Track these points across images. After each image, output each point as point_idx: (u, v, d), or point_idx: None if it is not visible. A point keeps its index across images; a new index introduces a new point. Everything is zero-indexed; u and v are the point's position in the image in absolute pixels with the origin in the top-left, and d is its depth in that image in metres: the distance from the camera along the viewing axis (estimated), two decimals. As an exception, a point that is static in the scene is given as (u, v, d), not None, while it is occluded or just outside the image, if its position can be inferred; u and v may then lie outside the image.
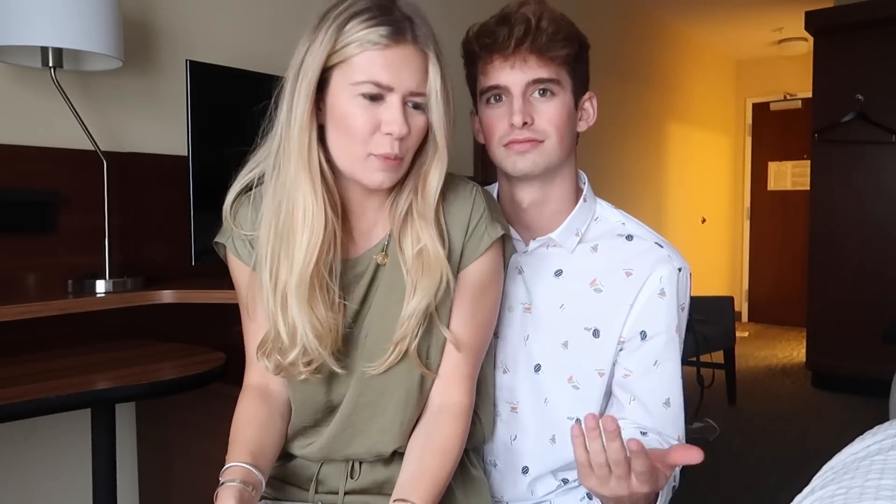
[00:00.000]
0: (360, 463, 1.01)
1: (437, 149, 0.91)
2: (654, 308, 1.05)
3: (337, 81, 0.86)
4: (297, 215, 0.88)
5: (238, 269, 1.00)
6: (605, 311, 1.06)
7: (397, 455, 0.99)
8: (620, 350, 1.07)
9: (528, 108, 1.03)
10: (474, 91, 1.10)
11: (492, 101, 1.06)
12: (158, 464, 1.88)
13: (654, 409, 1.06)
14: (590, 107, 1.13)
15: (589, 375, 1.07)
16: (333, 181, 0.92)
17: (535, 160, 1.04)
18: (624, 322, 1.06)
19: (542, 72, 1.02)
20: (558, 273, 1.10)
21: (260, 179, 0.94)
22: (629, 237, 1.10)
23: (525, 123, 1.02)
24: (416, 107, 0.88)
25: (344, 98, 0.86)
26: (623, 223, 1.12)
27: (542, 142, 1.04)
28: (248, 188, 0.97)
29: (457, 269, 0.96)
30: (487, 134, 1.08)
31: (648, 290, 1.05)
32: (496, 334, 1.10)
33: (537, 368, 1.09)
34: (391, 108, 0.85)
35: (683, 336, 1.11)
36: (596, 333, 1.07)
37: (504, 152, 1.05)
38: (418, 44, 0.86)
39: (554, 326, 1.08)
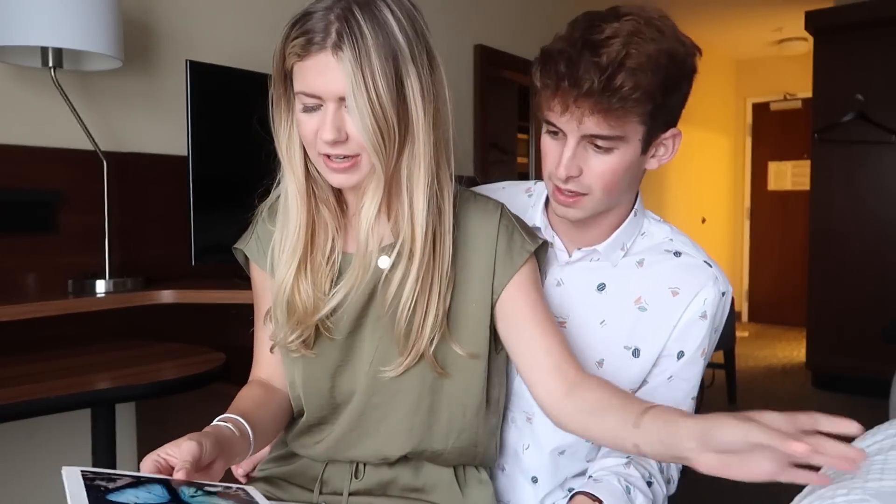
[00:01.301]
0: (365, 464, 1.00)
1: (372, 165, 0.88)
2: (694, 329, 1.02)
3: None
4: (289, 205, 0.94)
5: (253, 272, 1.05)
6: (648, 331, 1.02)
7: (402, 458, 0.98)
8: (653, 366, 1.04)
9: (579, 157, 0.95)
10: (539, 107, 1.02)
11: (550, 132, 0.98)
12: (158, 464, 1.87)
13: None
14: (670, 144, 1.00)
15: None
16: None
17: (575, 213, 0.99)
18: (665, 341, 1.02)
19: (603, 130, 0.91)
20: (601, 287, 1.05)
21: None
22: (677, 253, 1.05)
23: (570, 177, 0.95)
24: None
25: (297, 104, 0.89)
26: (671, 238, 1.07)
27: (585, 195, 0.97)
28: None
29: (491, 287, 0.95)
30: (542, 160, 1.01)
31: (692, 310, 1.01)
32: None
33: None
34: (324, 115, 0.86)
35: (709, 359, 1.08)
36: (636, 353, 1.03)
37: (551, 189, 1.01)
38: (336, 48, 0.82)
39: (591, 343, 1.04)
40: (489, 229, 0.95)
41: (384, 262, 0.93)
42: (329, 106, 0.85)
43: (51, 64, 1.62)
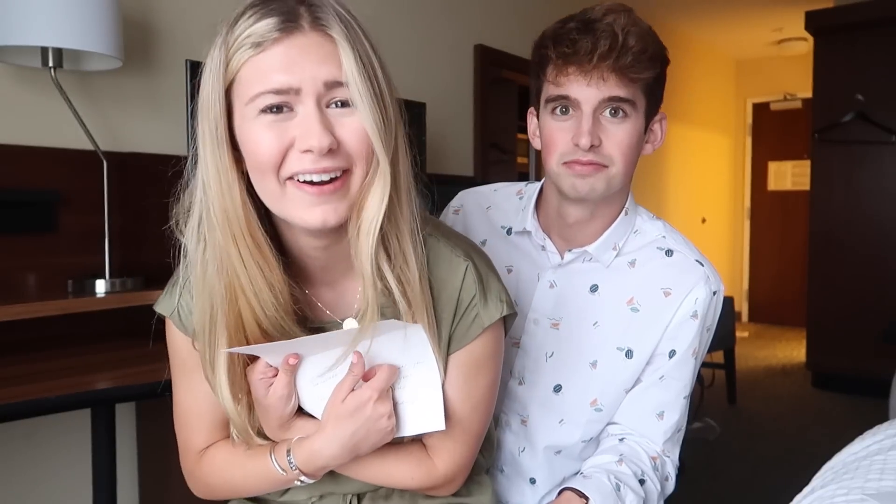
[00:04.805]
0: (360, 497, 0.93)
1: (376, 161, 0.69)
2: (685, 329, 1.03)
3: (236, 106, 0.70)
4: (239, 294, 0.73)
5: (177, 337, 0.92)
6: (640, 332, 1.03)
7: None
8: (647, 365, 1.05)
9: (597, 128, 0.96)
10: (538, 94, 1.03)
11: (558, 111, 0.99)
12: (158, 463, 1.88)
13: (644, 417, 1.05)
14: (658, 129, 1.06)
15: (616, 396, 1.05)
16: (280, 241, 0.78)
17: (594, 185, 0.98)
18: (657, 342, 1.03)
19: (620, 91, 0.95)
20: (594, 289, 1.06)
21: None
22: (669, 252, 1.06)
23: (592, 146, 0.96)
24: (344, 104, 0.68)
25: (246, 124, 0.68)
26: (664, 236, 1.08)
27: (606, 167, 0.98)
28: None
29: (447, 352, 0.82)
30: (547, 146, 1.01)
31: (683, 310, 1.02)
32: (516, 344, 1.08)
33: (557, 389, 1.06)
34: (304, 117, 0.67)
35: (702, 359, 1.09)
36: (629, 354, 1.04)
37: (563, 171, 0.99)
38: (319, 27, 0.67)
39: (584, 344, 1.05)
40: (451, 292, 0.80)
41: (350, 324, 0.79)
42: (308, 103, 0.67)
43: (51, 64, 1.62)
